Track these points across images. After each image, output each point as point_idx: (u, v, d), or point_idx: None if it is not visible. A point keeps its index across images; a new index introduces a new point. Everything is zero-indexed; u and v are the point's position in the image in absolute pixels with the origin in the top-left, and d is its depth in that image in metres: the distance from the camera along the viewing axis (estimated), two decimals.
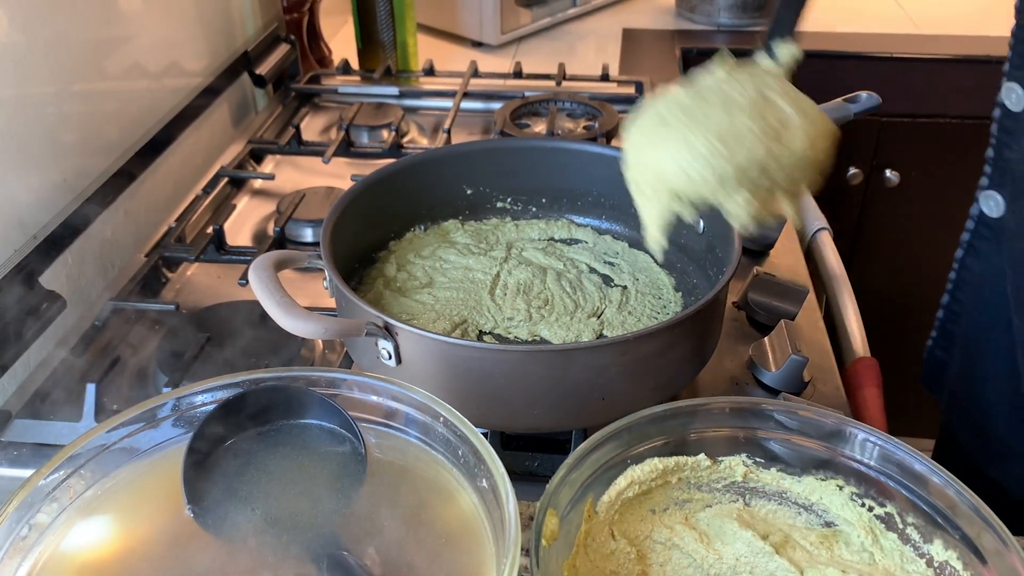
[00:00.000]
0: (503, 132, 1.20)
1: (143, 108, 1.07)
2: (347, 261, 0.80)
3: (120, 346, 0.86)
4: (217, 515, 0.53)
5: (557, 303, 0.80)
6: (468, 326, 0.77)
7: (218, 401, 0.56)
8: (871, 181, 1.73)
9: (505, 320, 0.78)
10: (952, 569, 0.53)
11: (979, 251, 0.82)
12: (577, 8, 1.71)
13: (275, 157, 1.23)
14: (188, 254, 0.97)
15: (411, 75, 1.43)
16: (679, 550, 0.57)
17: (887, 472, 0.56)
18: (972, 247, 0.83)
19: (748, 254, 0.97)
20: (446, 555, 0.51)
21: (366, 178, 0.82)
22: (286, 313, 0.62)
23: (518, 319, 0.78)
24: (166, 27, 1.11)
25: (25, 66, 0.85)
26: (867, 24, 1.70)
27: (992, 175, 0.78)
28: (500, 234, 0.89)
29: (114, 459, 0.54)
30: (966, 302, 0.86)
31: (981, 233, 0.81)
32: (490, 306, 0.79)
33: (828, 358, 0.84)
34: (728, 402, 0.59)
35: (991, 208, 0.79)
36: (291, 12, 1.42)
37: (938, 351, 0.92)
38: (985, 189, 0.79)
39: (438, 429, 0.55)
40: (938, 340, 0.92)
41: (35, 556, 0.50)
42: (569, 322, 0.77)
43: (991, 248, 0.81)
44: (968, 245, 0.84)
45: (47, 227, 0.87)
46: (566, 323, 0.77)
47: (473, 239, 0.88)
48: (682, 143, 0.55)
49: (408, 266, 0.83)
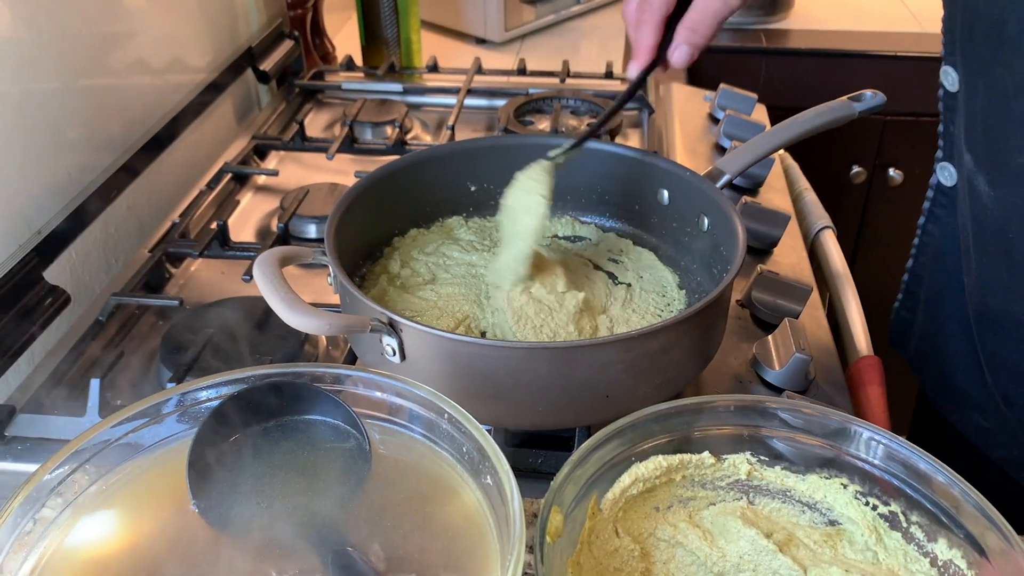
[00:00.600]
0: (507, 129, 1.20)
1: (147, 104, 1.07)
2: (351, 257, 0.80)
3: (124, 341, 0.86)
4: (221, 511, 0.53)
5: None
6: (471, 322, 0.77)
7: (222, 397, 0.56)
8: (874, 180, 1.73)
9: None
10: (956, 568, 0.53)
11: (938, 217, 0.88)
12: (581, 5, 1.70)
13: (279, 153, 1.23)
14: (192, 250, 0.97)
15: (415, 72, 1.43)
16: (683, 548, 0.57)
17: (891, 471, 0.56)
18: (932, 214, 0.89)
19: (752, 252, 0.97)
20: (450, 551, 0.51)
21: (370, 175, 0.82)
22: (290, 309, 0.62)
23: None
24: (170, 23, 1.11)
25: (29, 62, 0.85)
26: (871, 22, 1.70)
27: (944, 148, 0.84)
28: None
29: (118, 454, 0.54)
30: (927, 265, 0.92)
31: (939, 201, 0.87)
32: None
33: (832, 356, 0.84)
34: (732, 400, 0.59)
35: (946, 178, 0.84)
36: (295, 8, 1.42)
37: (904, 312, 0.97)
38: (940, 161, 0.85)
39: (442, 426, 0.55)
40: (904, 302, 0.97)
41: (40, 551, 0.50)
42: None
43: (948, 215, 0.86)
44: (928, 212, 0.89)
45: (51, 222, 0.88)
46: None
47: (477, 236, 0.88)
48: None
49: (412, 262, 0.83)
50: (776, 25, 1.73)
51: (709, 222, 0.79)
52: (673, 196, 0.84)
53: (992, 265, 0.77)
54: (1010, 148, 0.70)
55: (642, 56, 0.73)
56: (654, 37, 0.72)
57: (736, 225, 0.73)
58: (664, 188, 0.84)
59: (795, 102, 1.04)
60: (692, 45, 0.71)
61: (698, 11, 0.70)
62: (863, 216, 1.77)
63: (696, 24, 0.70)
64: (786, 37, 1.68)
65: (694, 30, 0.70)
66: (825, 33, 1.68)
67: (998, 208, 0.73)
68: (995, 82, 0.70)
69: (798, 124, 0.81)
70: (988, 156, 0.73)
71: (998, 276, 0.77)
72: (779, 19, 1.74)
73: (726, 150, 1.15)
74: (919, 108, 1.61)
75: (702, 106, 1.29)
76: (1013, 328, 0.77)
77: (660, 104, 1.30)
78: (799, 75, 1.65)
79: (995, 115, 0.71)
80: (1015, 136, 0.69)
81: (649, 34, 0.72)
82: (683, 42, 0.71)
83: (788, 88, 1.64)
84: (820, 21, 1.75)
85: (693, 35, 0.70)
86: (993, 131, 0.72)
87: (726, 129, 1.17)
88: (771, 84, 1.63)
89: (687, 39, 0.71)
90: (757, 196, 1.08)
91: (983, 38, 0.71)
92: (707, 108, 1.28)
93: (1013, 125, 0.69)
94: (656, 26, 0.71)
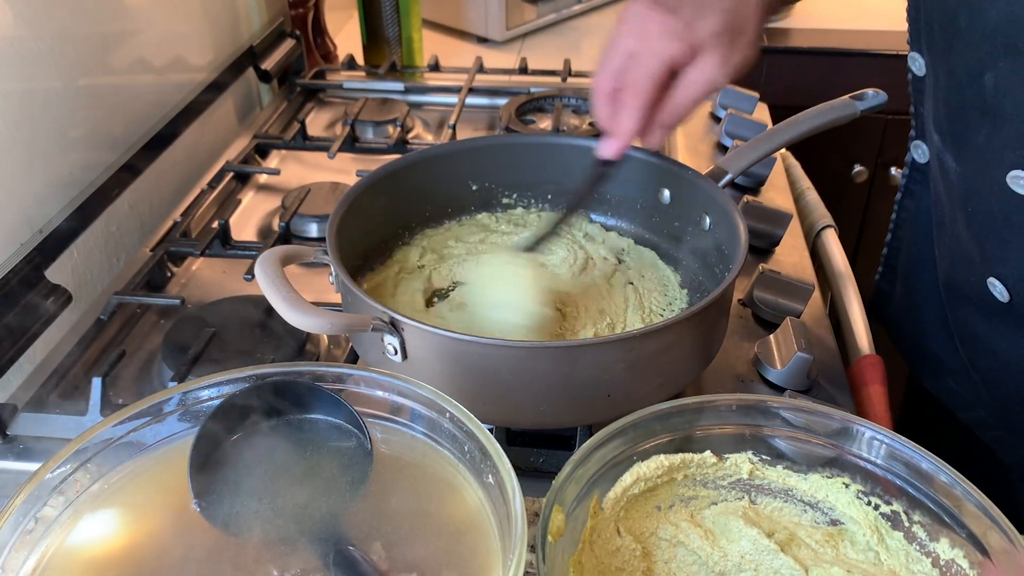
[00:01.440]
0: (508, 128, 1.20)
1: (148, 103, 1.07)
2: (352, 256, 0.80)
3: (126, 340, 0.86)
4: (223, 510, 0.53)
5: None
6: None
7: (224, 396, 0.56)
8: (876, 179, 1.72)
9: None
10: (958, 567, 0.53)
11: (913, 193, 0.92)
12: (582, 4, 1.70)
13: (280, 152, 1.23)
14: (193, 249, 0.97)
15: (416, 71, 1.43)
16: (684, 547, 0.57)
17: (893, 470, 0.56)
18: (908, 190, 0.93)
19: (754, 252, 0.97)
20: (452, 550, 0.51)
21: (371, 173, 0.82)
22: (292, 308, 0.62)
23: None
24: (171, 22, 1.11)
25: (31, 61, 0.85)
26: (873, 21, 1.70)
27: (916, 127, 0.87)
28: None
29: (120, 453, 0.54)
30: (904, 239, 0.96)
31: (914, 177, 0.91)
32: None
33: (833, 356, 0.84)
34: (734, 399, 0.59)
35: (919, 155, 0.88)
36: (296, 7, 1.42)
37: (884, 284, 1.00)
38: (914, 140, 0.89)
39: (444, 425, 0.55)
40: (884, 274, 1.00)
41: (42, 550, 0.50)
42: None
43: (922, 190, 0.90)
44: (904, 188, 0.93)
45: (53, 221, 0.88)
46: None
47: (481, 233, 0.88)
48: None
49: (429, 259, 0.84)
50: (778, 24, 1.72)
51: (711, 221, 0.79)
52: (675, 195, 0.84)
53: (958, 237, 0.79)
54: (969, 127, 0.73)
55: (624, 139, 0.72)
56: (638, 121, 0.70)
57: (738, 224, 0.73)
58: (666, 187, 0.84)
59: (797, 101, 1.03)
60: (671, 128, 0.72)
61: (683, 95, 0.69)
62: (865, 215, 1.77)
63: (678, 107, 0.70)
64: (788, 36, 1.68)
65: (675, 113, 0.70)
66: (827, 32, 1.68)
67: (962, 182, 0.76)
68: (952, 69, 0.73)
69: (800, 123, 0.81)
70: (952, 135, 0.76)
71: (963, 247, 0.79)
72: (781, 18, 1.74)
73: (728, 149, 1.15)
74: None
75: (704, 105, 1.29)
76: (975, 297, 0.79)
77: None
78: (801, 74, 1.64)
79: (954, 98, 0.74)
80: (972, 116, 0.72)
81: (633, 117, 0.70)
82: (663, 126, 0.71)
83: (790, 87, 1.64)
84: (822, 20, 1.74)
85: (674, 119, 0.71)
86: (954, 112, 0.75)
87: (728, 128, 1.17)
88: (773, 83, 1.63)
89: (669, 122, 0.71)
90: (759, 195, 1.08)
91: (940, 29, 0.74)
92: (709, 107, 1.28)
93: (969, 107, 0.72)
94: (642, 108, 0.69)
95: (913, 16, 0.81)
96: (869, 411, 0.80)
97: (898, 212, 0.95)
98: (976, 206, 0.75)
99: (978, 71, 0.70)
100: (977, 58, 0.69)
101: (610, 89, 0.71)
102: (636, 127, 0.71)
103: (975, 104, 0.71)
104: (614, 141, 0.73)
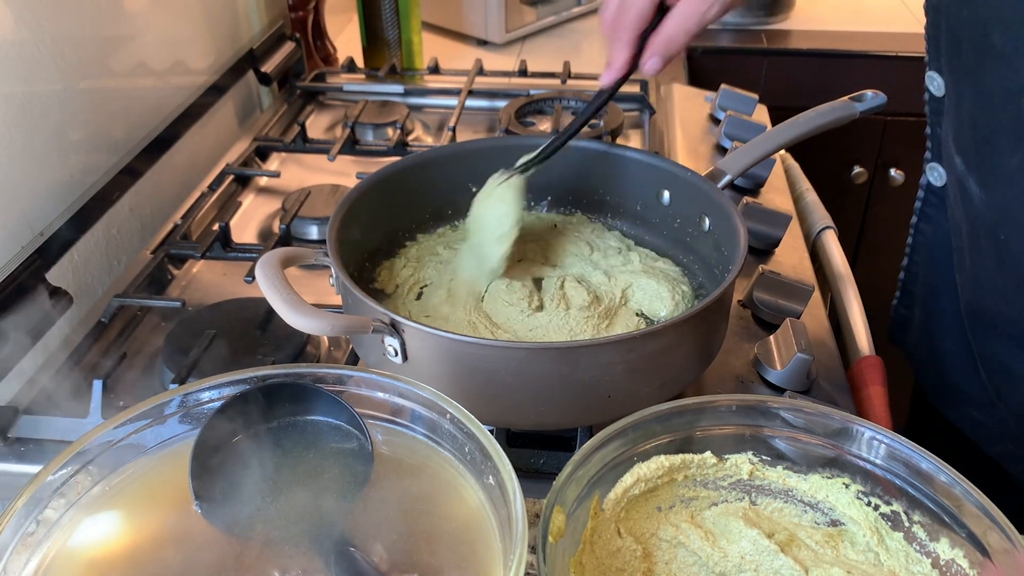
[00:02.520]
0: (508, 130, 1.20)
1: (149, 106, 1.07)
2: (353, 258, 0.80)
3: (126, 343, 0.87)
4: (224, 511, 0.53)
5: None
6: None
7: (225, 398, 0.56)
8: (876, 180, 1.73)
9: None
10: (959, 567, 0.53)
11: (929, 216, 0.90)
12: (582, 6, 1.70)
13: (280, 155, 1.23)
14: (194, 251, 0.97)
15: (416, 73, 1.43)
16: (684, 548, 0.57)
17: (893, 470, 0.56)
18: (924, 213, 0.91)
19: (753, 253, 0.97)
20: (453, 551, 0.51)
21: (371, 176, 0.82)
22: (293, 310, 0.62)
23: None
24: (172, 25, 1.11)
25: (32, 64, 0.85)
26: (872, 23, 1.70)
27: (932, 149, 0.85)
28: None
29: (121, 455, 0.54)
30: (921, 263, 0.94)
31: (930, 201, 0.89)
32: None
33: (833, 356, 0.84)
34: (734, 400, 0.59)
35: (935, 178, 0.86)
36: (296, 10, 1.42)
37: (901, 308, 0.99)
38: (929, 162, 0.86)
39: (445, 426, 0.55)
40: (901, 299, 0.99)
41: (43, 552, 0.50)
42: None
43: (939, 214, 0.88)
44: (920, 212, 0.91)
45: (53, 224, 0.88)
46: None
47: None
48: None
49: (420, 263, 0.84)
50: (777, 26, 1.73)
51: (710, 222, 0.80)
52: (674, 197, 0.84)
53: (984, 264, 0.78)
54: (1000, 152, 0.71)
55: (616, 68, 0.75)
56: (629, 51, 0.74)
57: (737, 225, 0.73)
58: (665, 189, 0.84)
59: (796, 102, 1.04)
60: (664, 57, 0.74)
61: (673, 26, 0.72)
62: (864, 216, 1.77)
63: (670, 38, 0.73)
64: (787, 38, 1.68)
65: (667, 44, 0.73)
66: (826, 33, 1.68)
67: (989, 209, 0.74)
68: (982, 89, 0.72)
69: (799, 124, 0.81)
70: (978, 159, 0.74)
71: (989, 275, 0.77)
72: (780, 19, 1.74)
73: (727, 151, 1.15)
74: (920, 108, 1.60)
75: (703, 107, 1.29)
76: (1004, 325, 0.78)
77: (661, 105, 1.30)
78: (800, 75, 1.65)
79: (984, 120, 0.72)
80: (1004, 140, 0.70)
81: (624, 48, 0.74)
82: (655, 54, 0.73)
83: (789, 88, 1.64)
84: (821, 21, 1.75)
85: (666, 48, 0.73)
86: (982, 135, 0.73)
87: (727, 130, 1.17)
88: (772, 85, 1.63)
89: (660, 51, 0.73)
90: (758, 196, 1.08)
91: (969, 47, 0.72)
92: (708, 109, 1.28)
93: (1002, 130, 0.70)
94: (631, 41, 0.74)
95: (932, 34, 0.79)
96: (869, 412, 0.80)
97: (914, 236, 0.93)
98: (1009, 234, 0.73)
99: (1016, 92, 0.68)
100: (1014, 79, 0.67)
101: (611, 22, 0.74)
102: (627, 57, 0.74)
103: (1009, 127, 0.69)
104: (609, 71, 0.76)
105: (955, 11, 0.73)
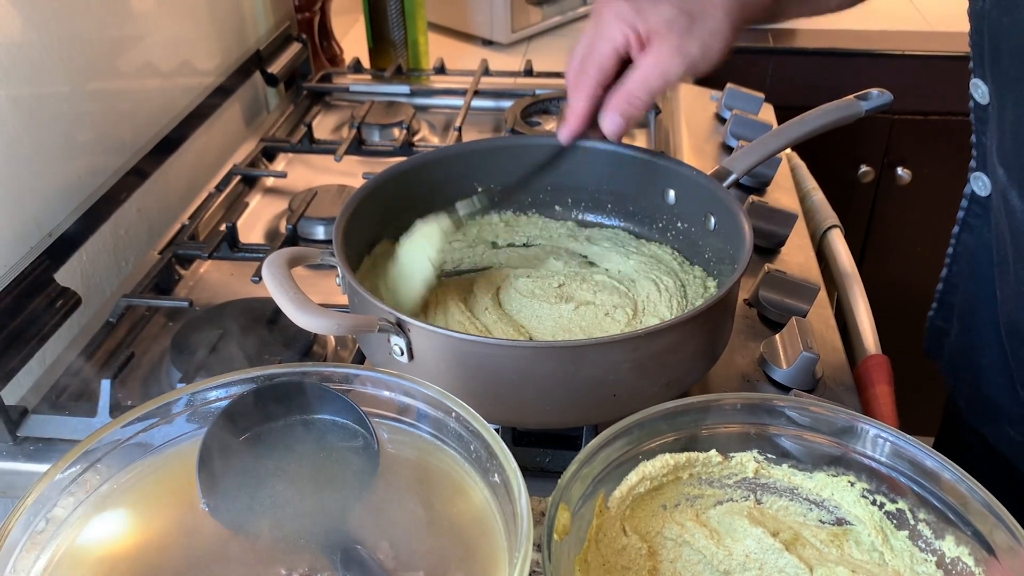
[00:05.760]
0: (514, 130, 1.20)
1: (156, 107, 1.07)
2: (359, 258, 0.80)
3: (134, 342, 0.87)
4: (231, 510, 0.53)
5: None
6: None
7: (232, 397, 0.57)
8: (882, 179, 1.72)
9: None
10: (964, 565, 0.53)
11: (972, 227, 0.87)
12: (588, 6, 1.70)
13: (287, 155, 1.23)
14: (201, 251, 0.97)
15: (422, 74, 1.43)
16: (689, 546, 0.57)
17: (899, 468, 0.56)
18: (966, 223, 0.88)
19: (759, 252, 0.97)
20: (458, 549, 0.51)
21: (377, 176, 0.82)
22: (299, 309, 0.62)
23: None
24: (179, 26, 1.12)
25: (40, 66, 0.86)
26: (878, 21, 1.69)
27: (977, 158, 0.82)
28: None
29: (129, 454, 0.54)
30: (961, 275, 0.91)
31: (973, 211, 0.86)
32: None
33: (839, 355, 0.84)
34: (739, 398, 0.59)
35: (980, 188, 0.83)
36: (303, 11, 1.42)
37: (939, 321, 0.96)
38: (974, 171, 0.83)
39: (450, 425, 0.55)
40: (938, 311, 0.95)
41: (52, 550, 0.50)
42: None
43: (982, 224, 0.85)
44: (962, 222, 0.88)
45: (62, 225, 0.88)
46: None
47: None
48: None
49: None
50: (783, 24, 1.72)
51: (716, 221, 0.80)
52: (680, 195, 0.84)
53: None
54: None
55: (573, 122, 0.73)
56: (587, 104, 0.71)
57: (743, 224, 0.73)
58: (671, 188, 0.84)
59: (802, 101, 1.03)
60: (625, 115, 0.71)
61: (635, 82, 0.69)
62: (871, 215, 1.77)
63: (630, 93, 0.70)
64: (793, 36, 1.68)
65: (629, 101, 0.70)
66: (832, 32, 1.68)
67: None
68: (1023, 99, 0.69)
69: (805, 123, 0.81)
70: (1019, 171, 0.71)
71: None
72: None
73: (733, 149, 1.15)
74: (927, 107, 1.61)
75: (709, 106, 1.29)
76: None
77: (667, 104, 1.30)
78: (806, 74, 1.64)
79: None
80: None
81: (582, 100, 0.71)
82: (615, 110, 0.71)
83: (795, 87, 1.64)
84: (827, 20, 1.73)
85: (628, 106, 0.70)
86: (1023, 146, 0.70)
87: (733, 129, 1.17)
88: (778, 83, 1.63)
89: (620, 108, 0.71)
90: (764, 195, 1.08)
91: (1010, 56, 0.70)
92: (714, 108, 1.28)
93: None
94: (590, 94, 0.71)
95: (976, 41, 0.76)
96: (876, 411, 0.80)
97: (954, 247, 0.89)
98: None
99: None
100: None
101: (572, 73, 0.72)
102: (584, 108, 0.72)
103: None
104: (566, 125, 0.74)
105: (996, 19, 0.71)
